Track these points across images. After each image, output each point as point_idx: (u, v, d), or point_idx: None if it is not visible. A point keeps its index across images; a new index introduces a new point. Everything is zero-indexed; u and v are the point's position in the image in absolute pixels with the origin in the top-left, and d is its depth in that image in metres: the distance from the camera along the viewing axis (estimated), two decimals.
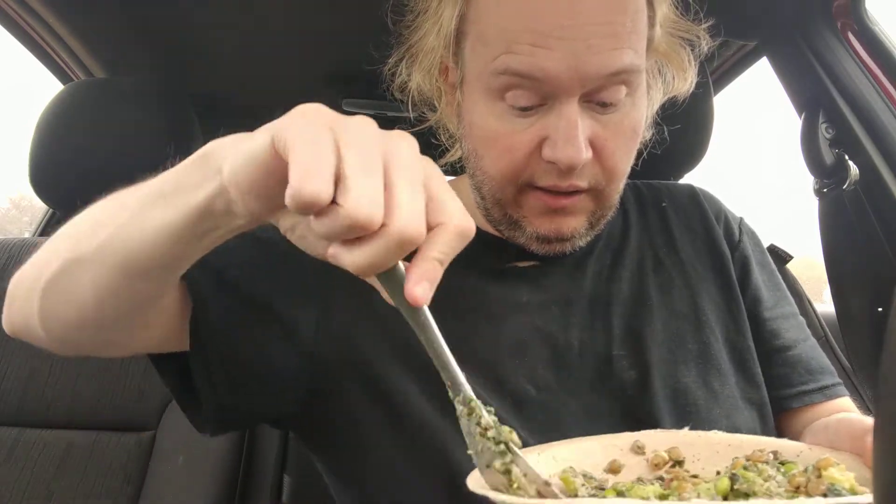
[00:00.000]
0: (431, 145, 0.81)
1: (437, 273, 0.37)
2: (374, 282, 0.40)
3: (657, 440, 0.49)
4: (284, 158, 0.35)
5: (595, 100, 0.61)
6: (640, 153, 0.72)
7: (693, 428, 0.59)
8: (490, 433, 0.41)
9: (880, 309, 1.11)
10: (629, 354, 0.68)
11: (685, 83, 0.72)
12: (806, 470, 0.41)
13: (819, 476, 0.39)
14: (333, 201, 0.34)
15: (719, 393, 0.67)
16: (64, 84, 1.39)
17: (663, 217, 0.79)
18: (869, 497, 0.32)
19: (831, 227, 1.20)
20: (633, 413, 0.65)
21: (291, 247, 0.68)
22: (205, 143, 0.46)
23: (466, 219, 0.38)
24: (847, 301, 1.21)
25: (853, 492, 0.38)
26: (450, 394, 0.42)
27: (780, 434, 0.70)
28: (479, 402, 0.42)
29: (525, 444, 0.61)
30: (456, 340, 0.67)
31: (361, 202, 0.34)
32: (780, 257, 1.35)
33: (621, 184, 0.67)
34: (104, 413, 1.04)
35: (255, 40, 1.37)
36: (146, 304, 0.53)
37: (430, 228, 0.36)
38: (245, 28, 1.32)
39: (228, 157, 0.40)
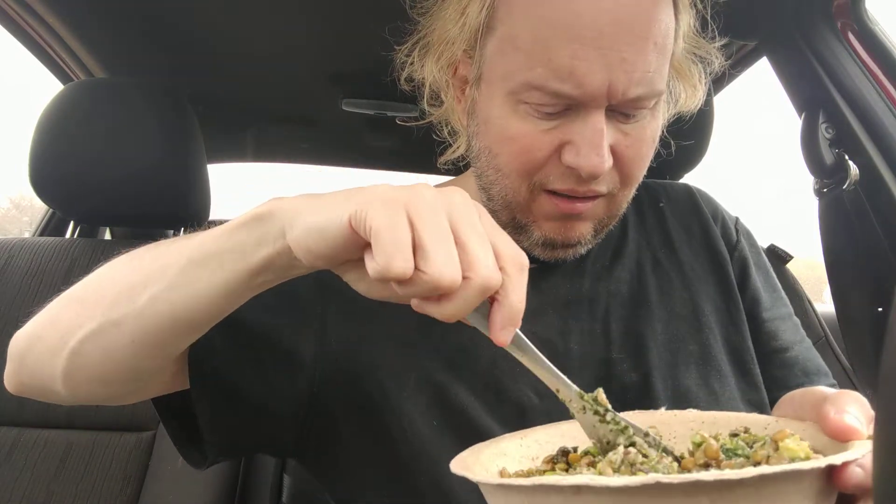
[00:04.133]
0: (435, 142, 0.80)
1: (518, 314, 0.41)
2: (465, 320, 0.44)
3: (636, 421, 0.51)
4: (364, 237, 0.40)
5: (619, 110, 0.60)
6: None
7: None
8: (608, 417, 0.46)
9: (880, 309, 1.11)
10: (629, 357, 0.67)
11: (694, 99, 0.72)
12: (764, 444, 0.42)
13: (776, 449, 0.41)
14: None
15: (720, 394, 0.67)
16: (64, 84, 1.39)
17: (661, 217, 0.79)
18: (816, 462, 0.34)
19: (831, 227, 1.20)
20: None
21: None
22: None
23: (520, 253, 0.42)
24: (847, 301, 1.21)
25: (808, 460, 0.39)
26: (560, 398, 0.46)
27: None
28: (587, 394, 0.46)
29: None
30: (456, 349, 0.67)
31: (444, 270, 0.38)
32: (780, 257, 1.35)
33: (633, 191, 0.67)
34: (104, 413, 1.04)
35: (256, 40, 1.37)
36: (183, 350, 0.55)
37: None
38: (245, 28, 1.32)
39: (296, 226, 0.43)
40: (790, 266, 1.40)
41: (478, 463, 0.45)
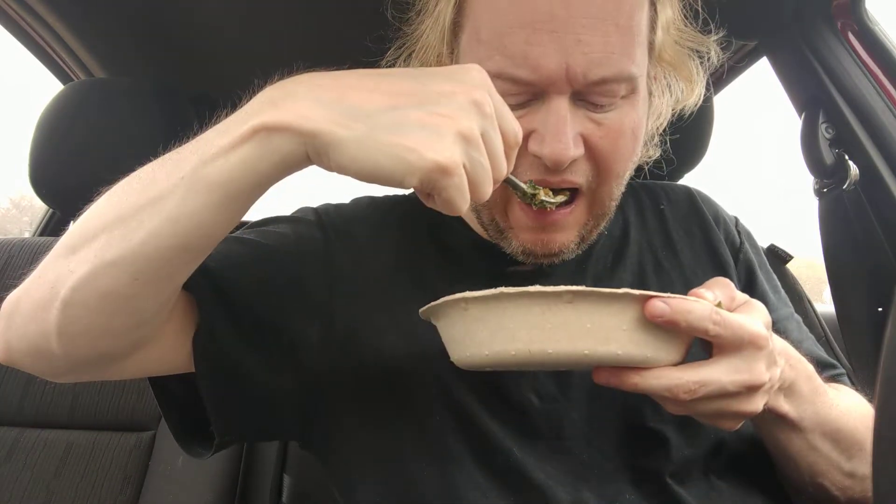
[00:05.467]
0: None
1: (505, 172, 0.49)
2: None
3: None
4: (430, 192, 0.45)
5: (587, 99, 0.60)
6: (640, 167, 0.71)
7: (696, 435, 0.62)
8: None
9: (880, 309, 1.11)
10: None
11: (693, 95, 0.71)
12: None
13: None
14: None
15: None
16: (64, 84, 1.39)
17: (661, 219, 0.79)
18: (614, 290, 0.46)
19: (831, 227, 1.20)
20: (635, 420, 0.64)
21: (292, 255, 0.67)
22: None
23: (516, 130, 0.49)
24: (847, 301, 1.21)
25: None
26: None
27: None
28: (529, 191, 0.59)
29: (527, 453, 0.61)
30: None
31: (487, 192, 0.46)
32: (780, 257, 1.35)
33: (616, 188, 0.65)
34: (104, 413, 1.04)
35: (256, 40, 1.37)
36: (177, 291, 0.52)
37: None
38: (245, 28, 1.32)
39: (337, 159, 0.43)
40: (790, 266, 1.40)
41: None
